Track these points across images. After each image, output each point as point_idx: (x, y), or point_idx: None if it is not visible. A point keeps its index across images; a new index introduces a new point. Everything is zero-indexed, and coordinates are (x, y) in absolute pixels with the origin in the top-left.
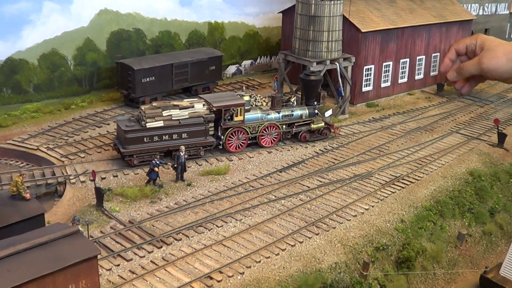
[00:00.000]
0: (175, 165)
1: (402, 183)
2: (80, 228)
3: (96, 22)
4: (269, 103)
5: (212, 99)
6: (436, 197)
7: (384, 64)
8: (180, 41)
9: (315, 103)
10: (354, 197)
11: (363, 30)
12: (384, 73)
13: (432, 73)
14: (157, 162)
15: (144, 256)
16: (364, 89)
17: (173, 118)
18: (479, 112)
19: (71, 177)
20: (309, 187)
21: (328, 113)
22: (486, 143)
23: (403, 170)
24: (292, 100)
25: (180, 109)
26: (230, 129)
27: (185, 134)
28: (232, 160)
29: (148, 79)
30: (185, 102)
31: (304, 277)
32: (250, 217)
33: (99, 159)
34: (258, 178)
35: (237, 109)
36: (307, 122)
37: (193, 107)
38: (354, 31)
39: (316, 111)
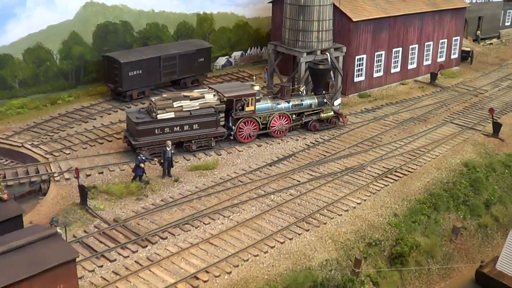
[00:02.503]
0: (162, 161)
1: (395, 175)
2: (58, 230)
3: (82, 15)
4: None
5: (222, 89)
6: (430, 189)
7: (376, 53)
8: (168, 33)
9: (323, 92)
10: (345, 191)
11: (354, 19)
12: (376, 63)
13: (425, 63)
14: (143, 157)
15: (128, 256)
16: (356, 79)
17: (184, 109)
18: (473, 102)
19: (55, 175)
20: (299, 181)
21: (337, 102)
22: (480, 133)
23: (396, 162)
24: (301, 89)
25: (190, 100)
26: (241, 119)
27: (196, 125)
28: (221, 155)
29: (135, 72)
30: (196, 92)
31: (293, 275)
32: (238, 214)
33: (85, 156)
34: (247, 173)
35: (248, 99)
36: (316, 111)
37: (203, 97)
38: (345, 20)
39: (325, 100)
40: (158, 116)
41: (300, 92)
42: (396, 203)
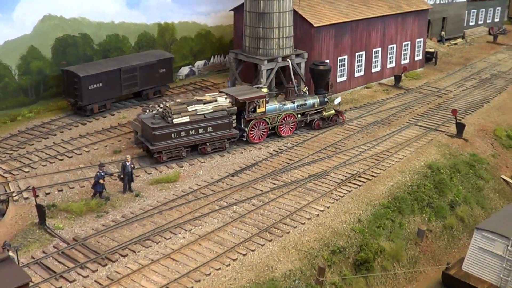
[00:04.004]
0: (122, 176)
1: (359, 180)
2: (10, 254)
3: (40, 29)
4: None
5: (234, 92)
6: (394, 193)
7: (339, 58)
8: (129, 44)
9: (324, 91)
10: (309, 199)
11: (315, 25)
12: (339, 67)
13: (389, 65)
14: (102, 173)
15: (88, 276)
16: None
17: (198, 113)
18: (437, 103)
19: (14, 194)
20: (262, 190)
21: (337, 100)
22: (444, 134)
23: (360, 167)
24: (304, 89)
25: (204, 103)
26: (253, 120)
27: (210, 128)
28: (182, 167)
29: (95, 86)
30: (208, 96)
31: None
32: (200, 227)
33: (44, 173)
34: (209, 184)
35: (260, 101)
36: (319, 110)
37: (216, 101)
38: (306, 26)
39: (326, 99)
40: (174, 120)
41: (303, 93)
42: (360, 208)
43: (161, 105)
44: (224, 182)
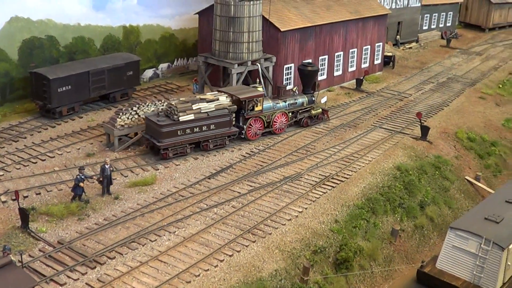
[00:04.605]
0: (101, 178)
1: (332, 182)
2: (12, 258)
3: (7, 31)
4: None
5: (233, 91)
6: (367, 194)
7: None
8: (94, 47)
9: (312, 91)
10: (286, 200)
11: (282, 29)
12: None
13: (350, 69)
14: (82, 176)
15: (78, 279)
16: None
17: (202, 111)
18: (399, 106)
19: None
20: (240, 192)
21: (324, 99)
22: (409, 136)
23: (332, 169)
24: (294, 89)
25: (207, 102)
26: (250, 118)
27: (213, 126)
28: (158, 169)
29: (64, 88)
30: (209, 95)
31: (246, 287)
32: (183, 229)
33: (19, 176)
34: (187, 187)
35: (258, 100)
36: (308, 108)
37: (218, 99)
38: (273, 30)
39: (313, 98)
40: (180, 118)
41: (292, 92)
42: (336, 209)
43: (134, 108)
44: (201, 184)
